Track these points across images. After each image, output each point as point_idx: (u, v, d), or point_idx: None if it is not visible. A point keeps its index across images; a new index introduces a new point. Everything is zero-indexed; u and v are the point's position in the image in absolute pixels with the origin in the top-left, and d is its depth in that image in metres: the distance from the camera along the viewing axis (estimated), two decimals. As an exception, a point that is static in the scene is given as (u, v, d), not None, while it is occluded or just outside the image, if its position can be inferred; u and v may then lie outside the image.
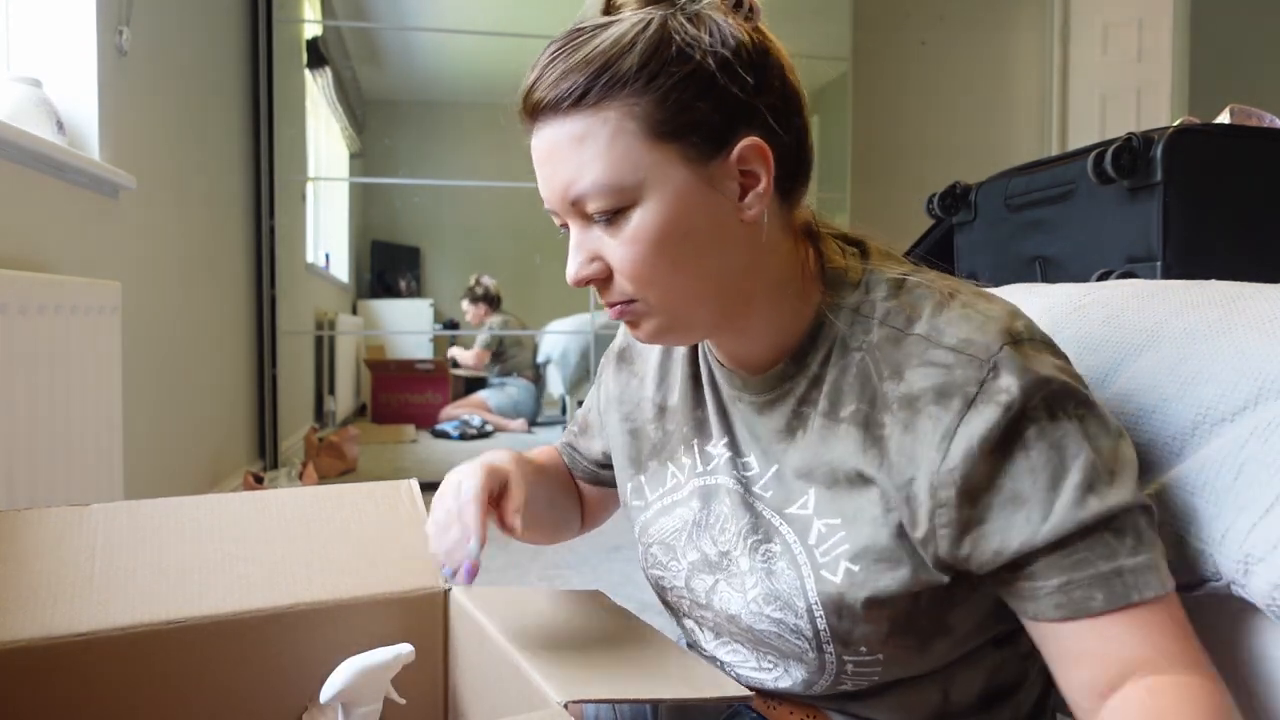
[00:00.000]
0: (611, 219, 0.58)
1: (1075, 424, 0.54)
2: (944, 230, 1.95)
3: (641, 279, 0.58)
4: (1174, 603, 0.54)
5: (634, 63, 0.55)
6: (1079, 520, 0.53)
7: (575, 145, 0.57)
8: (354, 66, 5.02)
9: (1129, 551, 0.53)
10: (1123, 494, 0.54)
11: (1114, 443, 0.55)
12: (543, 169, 0.59)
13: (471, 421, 4.40)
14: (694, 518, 0.70)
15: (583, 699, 0.57)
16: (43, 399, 1.40)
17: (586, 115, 0.56)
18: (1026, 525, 0.54)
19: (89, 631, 0.69)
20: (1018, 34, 4.37)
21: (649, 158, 0.56)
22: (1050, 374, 0.55)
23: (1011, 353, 0.55)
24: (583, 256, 0.60)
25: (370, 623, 0.78)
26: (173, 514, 0.80)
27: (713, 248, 0.59)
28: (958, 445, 0.54)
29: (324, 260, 4.88)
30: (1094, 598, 0.53)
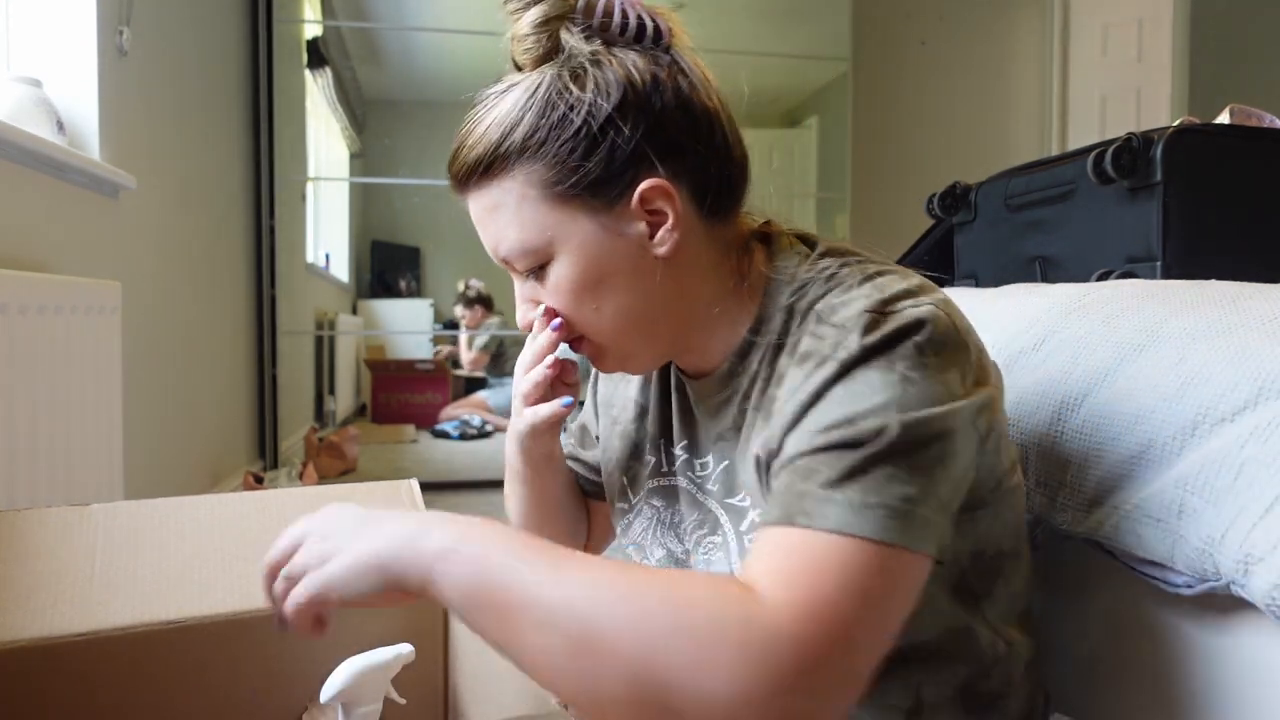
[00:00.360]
0: (537, 274, 0.64)
1: (891, 376, 0.53)
2: (944, 230, 1.95)
3: (575, 316, 0.64)
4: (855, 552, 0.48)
5: (523, 134, 0.60)
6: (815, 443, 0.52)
7: (491, 213, 0.63)
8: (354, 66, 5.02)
9: (830, 484, 0.50)
10: (880, 437, 0.51)
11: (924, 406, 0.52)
12: (478, 231, 0.66)
13: (471, 421, 4.40)
14: (659, 516, 0.72)
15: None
16: (43, 399, 1.40)
17: (494, 186, 0.62)
18: (790, 442, 0.54)
19: (89, 631, 0.69)
20: (1018, 34, 4.37)
21: (552, 217, 0.61)
22: (898, 335, 0.54)
23: (867, 319, 0.55)
24: (525, 305, 0.67)
25: (370, 623, 0.78)
26: (173, 514, 0.80)
27: (631, 288, 0.62)
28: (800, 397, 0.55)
29: (324, 260, 4.88)
30: (772, 513, 0.52)
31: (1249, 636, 0.59)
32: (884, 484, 0.50)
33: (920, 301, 0.56)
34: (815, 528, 0.49)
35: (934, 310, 0.55)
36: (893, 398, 0.52)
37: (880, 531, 0.49)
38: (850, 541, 0.48)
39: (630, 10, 0.63)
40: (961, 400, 0.54)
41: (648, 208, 0.61)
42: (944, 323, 0.55)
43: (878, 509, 0.49)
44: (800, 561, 0.48)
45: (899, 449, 0.51)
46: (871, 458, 0.50)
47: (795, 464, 0.53)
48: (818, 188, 4.09)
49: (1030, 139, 4.33)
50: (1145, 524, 0.64)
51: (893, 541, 0.49)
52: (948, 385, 0.54)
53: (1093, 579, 0.73)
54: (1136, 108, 4.04)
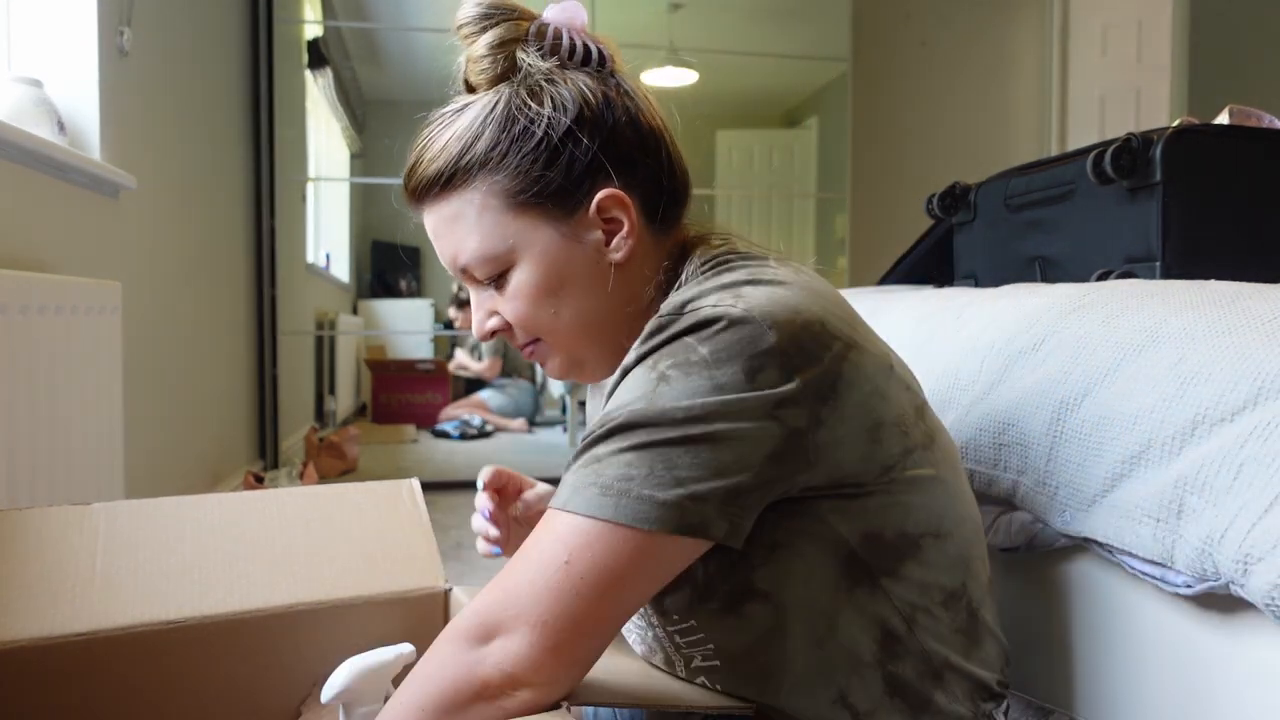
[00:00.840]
0: (496, 281, 0.66)
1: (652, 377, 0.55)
2: (943, 230, 1.95)
3: (530, 328, 0.67)
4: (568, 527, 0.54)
5: (485, 146, 0.63)
6: (585, 439, 0.57)
7: (451, 223, 0.66)
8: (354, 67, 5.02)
9: (570, 472, 0.56)
10: (611, 425, 0.55)
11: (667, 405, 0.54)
12: (435, 243, 0.68)
13: (472, 421, 4.40)
14: None
15: (582, 700, 0.57)
16: (43, 399, 1.40)
17: (454, 197, 0.65)
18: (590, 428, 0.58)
19: (89, 631, 0.69)
20: (1018, 34, 4.37)
21: (514, 225, 0.64)
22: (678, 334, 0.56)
23: (656, 323, 0.58)
24: (482, 314, 0.69)
25: (370, 623, 0.78)
26: (173, 514, 0.80)
27: (588, 292, 0.66)
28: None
29: (324, 260, 4.88)
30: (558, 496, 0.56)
31: (1249, 636, 0.59)
32: (607, 467, 0.54)
33: (722, 299, 0.57)
34: (554, 507, 0.56)
35: (729, 309, 0.56)
36: (641, 394, 0.55)
37: (587, 507, 0.54)
38: (565, 517, 0.55)
39: (576, 36, 0.67)
40: (744, 393, 0.55)
41: (604, 216, 0.65)
42: (740, 319, 0.55)
43: (592, 488, 0.54)
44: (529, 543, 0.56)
45: (620, 433, 0.55)
46: (593, 441, 0.56)
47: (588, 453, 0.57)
48: (818, 188, 4.09)
49: (1030, 139, 4.33)
50: (1145, 524, 0.64)
51: (601, 517, 0.53)
52: (715, 380, 0.54)
53: (1093, 579, 0.73)
54: (1136, 108, 4.04)
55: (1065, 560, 0.76)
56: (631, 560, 0.54)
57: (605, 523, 0.53)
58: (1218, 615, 0.62)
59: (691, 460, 0.54)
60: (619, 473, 0.54)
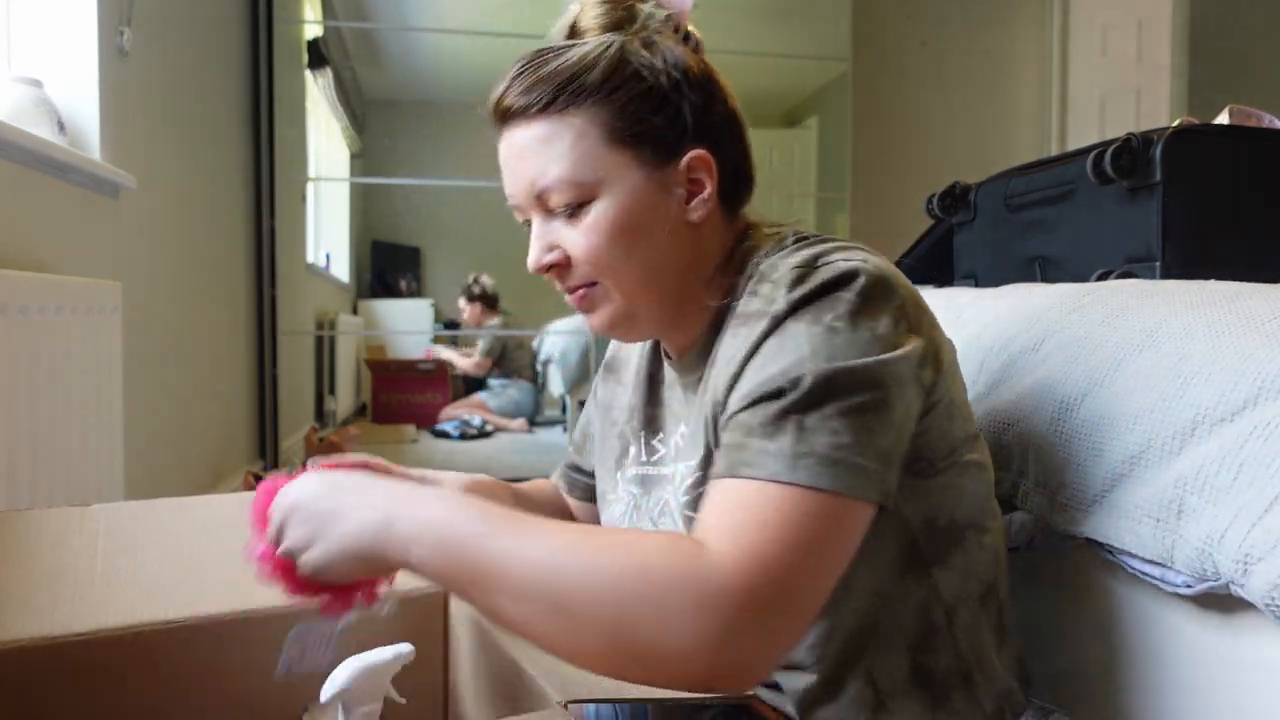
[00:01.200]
0: (573, 211, 0.65)
1: (817, 328, 0.57)
2: (944, 230, 1.95)
3: (599, 264, 0.65)
4: (787, 497, 0.51)
5: (597, 78, 0.64)
6: (751, 396, 0.56)
7: (542, 144, 0.64)
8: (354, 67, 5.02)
9: (765, 434, 0.54)
10: (805, 385, 0.54)
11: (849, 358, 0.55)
12: (510, 166, 0.67)
13: (472, 421, 4.40)
14: (635, 502, 0.75)
15: (582, 699, 0.57)
16: (43, 399, 1.40)
17: (553, 120, 0.64)
18: (733, 399, 0.58)
19: (89, 631, 0.69)
20: (1018, 34, 4.37)
21: (607, 159, 0.64)
22: (824, 287, 0.58)
23: (796, 273, 0.59)
24: (542, 245, 0.67)
25: (370, 622, 0.78)
26: (173, 514, 0.80)
27: (660, 243, 0.66)
28: (738, 355, 0.60)
29: (324, 260, 4.88)
30: (718, 466, 0.56)
31: (1249, 636, 0.59)
32: (815, 433, 0.53)
33: (851, 255, 0.60)
34: (754, 477, 0.53)
35: (862, 263, 0.59)
36: (817, 348, 0.56)
37: (813, 479, 0.52)
38: (786, 489, 0.52)
39: (682, 17, 0.71)
40: (898, 350, 0.57)
41: (691, 175, 0.66)
42: (874, 272, 0.59)
43: (808, 457, 0.52)
44: (742, 513, 0.52)
45: (828, 397, 0.54)
46: (799, 404, 0.54)
47: (734, 419, 0.57)
48: (818, 188, 4.09)
49: (1030, 139, 4.33)
50: (1144, 524, 0.64)
51: (826, 488, 0.52)
52: (877, 332, 0.57)
53: (1093, 579, 0.73)
54: (1136, 108, 4.04)
55: (1065, 560, 0.76)
56: (849, 530, 0.53)
57: (832, 495, 0.52)
58: (1218, 615, 0.62)
59: (882, 425, 0.55)
60: (830, 440, 0.53)
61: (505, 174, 0.68)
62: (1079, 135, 4.13)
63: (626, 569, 0.50)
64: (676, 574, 0.49)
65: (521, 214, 0.69)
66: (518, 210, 0.69)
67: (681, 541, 0.52)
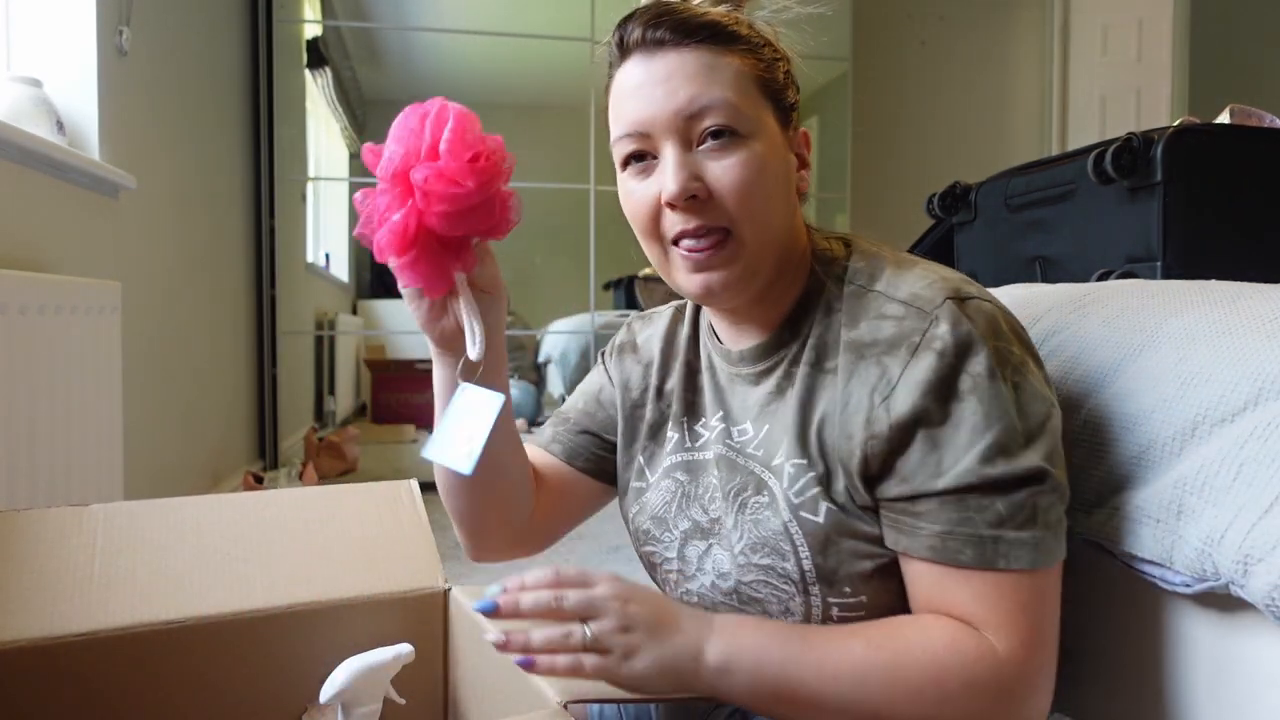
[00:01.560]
0: (724, 145, 0.63)
1: (1007, 388, 0.59)
2: (944, 230, 1.95)
3: (745, 202, 0.63)
4: (1040, 579, 0.58)
5: (746, 31, 0.66)
6: (981, 476, 0.58)
7: (706, 71, 0.63)
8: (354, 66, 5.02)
9: (1016, 524, 0.58)
10: (1031, 463, 0.58)
11: (1042, 416, 0.60)
12: (659, 87, 0.64)
13: (471, 421, 4.39)
14: (682, 490, 0.74)
15: (581, 699, 0.57)
16: (43, 399, 1.40)
17: (715, 53, 0.64)
18: (933, 468, 0.59)
19: (89, 631, 0.69)
20: (1018, 34, 4.37)
21: (758, 106, 0.65)
22: (986, 334, 0.60)
23: (952, 306, 0.60)
24: (687, 173, 0.63)
25: (370, 623, 0.78)
26: (173, 514, 0.80)
27: (784, 200, 0.67)
28: (902, 386, 0.60)
29: (324, 260, 4.88)
30: (964, 553, 0.58)
31: (1249, 636, 0.59)
32: (1048, 512, 0.59)
33: (982, 292, 0.63)
34: (1012, 569, 0.58)
35: (994, 304, 0.62)
36: (1018, 410, 0.59)
37: (1055, 558, 0.59)
38: (1039, 573, 0.58)
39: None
40: (1044, 381, 0.62)
41: (798, 150, 0.69)
42: (1002, 313, 0.62)
43: (1049, 539, 0.58)
44: (1010, 603, 0.58)
45: (1047, 474, 0.59)
46: (1038, 491, 0.58)
47: (961, 496, 0.58)
48: (818, 188, 4.09)
49: (1030, 139, 4.33)
50: (1144, 524, 0.64)
51: (1060, 558, 0.59)
52: (1036, 373, 0.62)
53: (1093, 579, 0.73)
54: (1136, 108, 4.04)
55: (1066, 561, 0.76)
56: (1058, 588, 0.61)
57: (1044, 571, 0.59)
58: (1218, 615, 0.62)
59: (1062, 469, 0.61)
60: (1053, 515, 0.59)
61: (641, 96, 0.64)
62: (1079, 135, 4.13)
63: (928, 680, 0.57)
64: (975, 678, 0.57)
65: (644, 142, 0.65)
66: (639, 139, 0.65)
67: (966, 639, 0.57)
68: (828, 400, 0.65)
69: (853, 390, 0.63)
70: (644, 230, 0.67)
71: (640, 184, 0.66)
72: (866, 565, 0.63)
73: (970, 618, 0.58)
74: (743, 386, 0.72)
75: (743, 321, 0.72)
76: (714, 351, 0.75)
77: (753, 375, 0.71)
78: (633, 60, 0.65)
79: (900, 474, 0.60)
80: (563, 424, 0.85)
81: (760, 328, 0.71)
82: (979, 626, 0.58)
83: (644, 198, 0.65)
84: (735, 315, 0.72)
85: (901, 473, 0.60)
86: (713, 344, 0.76)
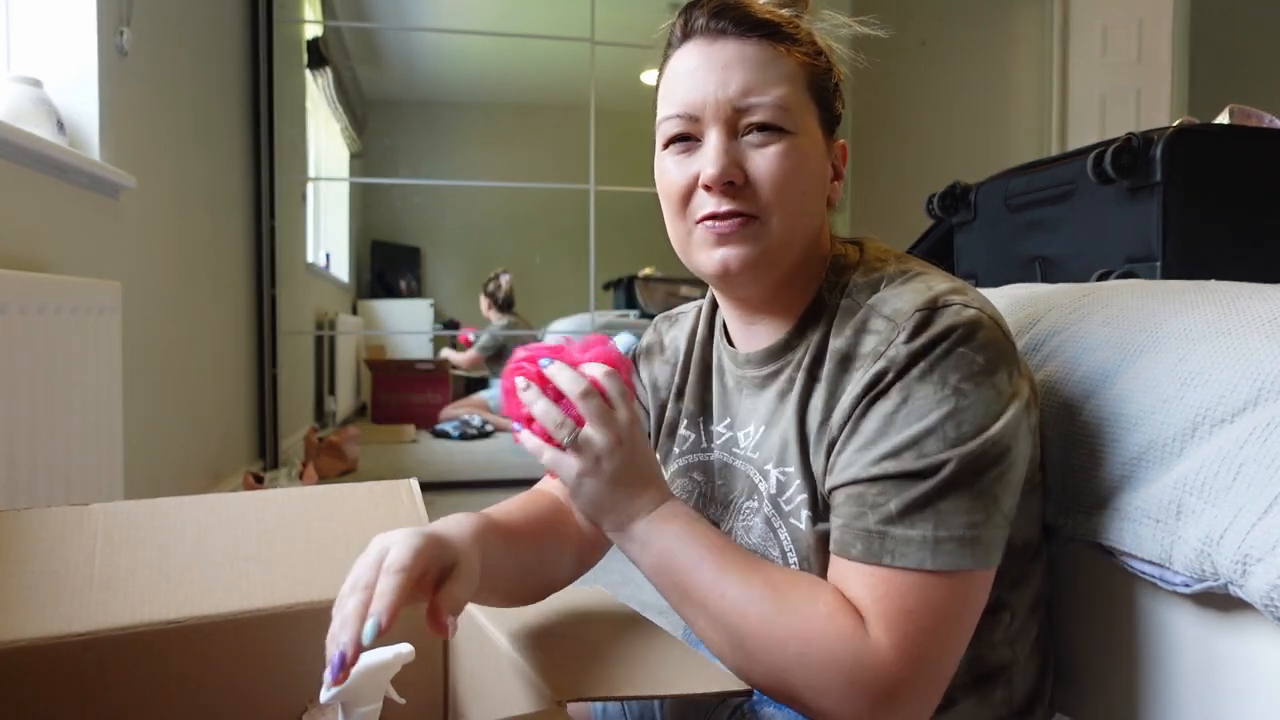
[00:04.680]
0: (768, 137, 0.64)
1: (944, 390, 0.58)
2: (944, 230, 1.95)
3: (780, 193, 0.64)
4: (931, 584, 0.56)
5: (805, 35, 0.68)
6: (882, 470, 0.58)
7: (762, 64, 0.65)
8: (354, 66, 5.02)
9: (908, 523, 0.57)
10: (942, 468, 0.56)
11: (975, 428, 0.57)
12: (714, 74, 0.65)
13: (472, 421, 4.40)
14: (699, 489, 0.76)
15: (581, 697, 0.57)
16: (43, 399, 1.40)
17: (775, 49, 0.65)
18: (847, 460, 0.60)
19: (89, 631, 0.69)
20: (1017, 34, 4.37)
21: (807, 107, 0.66)
22: (943, 338, 0.59)
23: (920, 316, 0.60)
24: (729, 159, 0.64)
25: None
26: (173, 514, 0.80)
27: (815, 201, 0.68)
28: (853, 387, 0.61)
29: (324, 260, 4.88)
30: (855, 546, 0.58)
31: (1249, 636, 0.59)
32: (952, 515, 0.56)
33: (968, 301, 0.61)
34: (897, 566, 0.56)
35: (980, 312, 0.60)
36: (946, 417, 0.57)
37: (954, 563, 0.56)
38: (928, 577, 0.56)
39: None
40: (1012, 404, 0.59)
41: (834, 161, 0.71)
42: (989, 324, 0.60)
43: (948, 542, 0.56)
44: (892, 602, 0.56)
45: (963, 479, 0.56)
46: (937, 490, 0.56)
47: (862, 489, 0.58)
48: (818, 188, 4.08)
49: (1030, 139, 4.33)
50: (1144, 525, 0.64)
51: (965, 569, 0.56)
52: (998, 389, 0.59)
53: (1093, 579, 0.73)
54: (1136, 108, 4.04)
55: (1066, 561, 0.76)
56: (979, 596, 0.59)
57: (967, 572, 0.57)
58: (1218, 615, 0.62)
59: (1006, 490, 0.59)
60: (965, 520, 0.57)
61: (694, 79, 0.65)
62: (1079, 135, 4.13)
63: (796, 634, 0.57)
64: (837, 653, 0.56)
65: (690, 125, 0.66)
66: (686, 120, 0.66)
67: (846, 618, 0.57)
68: (814, 408, 0.66)
69: (834, 401, 0.64)
70: (673, 208, 0.68)
71: (678, 163, 0.67)
72: None
73: (857, 603, 0.58)
74: (749, 389, 0.73)
75: (755, 322, 0.72)
76: (724, 354, 0.76)
77: (759, 379, 0.72)
78: (692, 44, 0.67)
79: (834, 469, 0.62)
80: None
81: (770, 331, 0.71)
82: (864, 616, 0.57)
83: (680, 176, 0.67)
84: (748, 313, 0.72)
85: (835, 468, 0.62)
86: (723, 346, 0.76)
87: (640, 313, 4.80)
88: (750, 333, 0.73)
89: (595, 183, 3.56)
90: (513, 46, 4.12)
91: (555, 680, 0.58)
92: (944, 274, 0.67)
